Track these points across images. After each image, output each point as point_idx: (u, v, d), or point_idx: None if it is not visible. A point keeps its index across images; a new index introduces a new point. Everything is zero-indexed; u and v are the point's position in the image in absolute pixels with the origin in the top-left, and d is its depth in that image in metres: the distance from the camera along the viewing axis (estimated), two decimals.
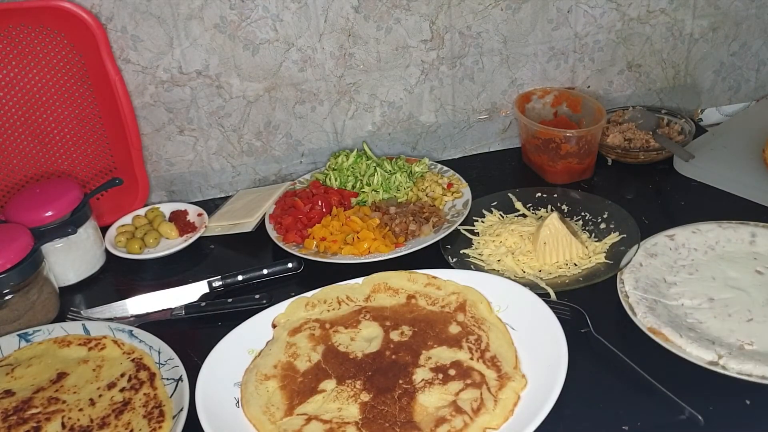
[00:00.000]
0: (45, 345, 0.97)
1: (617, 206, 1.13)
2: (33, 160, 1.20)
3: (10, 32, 1.11)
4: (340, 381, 0.86)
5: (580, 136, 1.20)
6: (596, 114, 1.24)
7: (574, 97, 1.30)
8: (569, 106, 1.31)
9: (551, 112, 1.32)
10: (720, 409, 0.80)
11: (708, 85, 1.41)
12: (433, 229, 1.12)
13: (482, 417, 0.79)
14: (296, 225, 1.14)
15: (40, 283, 1.03)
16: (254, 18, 1.18)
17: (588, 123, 1.26)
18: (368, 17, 1.21)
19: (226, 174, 1.31)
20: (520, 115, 1.26)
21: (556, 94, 1.32)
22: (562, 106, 1.32)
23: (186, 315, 1.03)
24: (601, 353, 0.88)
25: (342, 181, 1.25)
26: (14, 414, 0.86)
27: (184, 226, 1.20)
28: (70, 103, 1.17)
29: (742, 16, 1.34)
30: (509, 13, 1.25)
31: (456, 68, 1.29)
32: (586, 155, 1.23)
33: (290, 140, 1.30)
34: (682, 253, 1.03)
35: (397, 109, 1.31)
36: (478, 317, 0.93)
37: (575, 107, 1.30)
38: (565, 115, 1.31)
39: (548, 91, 1.32)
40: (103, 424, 0.84)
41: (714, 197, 1.16)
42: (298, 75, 1.24)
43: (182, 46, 1.18)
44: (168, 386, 0.88)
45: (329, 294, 0.99)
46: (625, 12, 1.29)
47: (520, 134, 1.32)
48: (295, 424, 0.81)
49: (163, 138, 1.25)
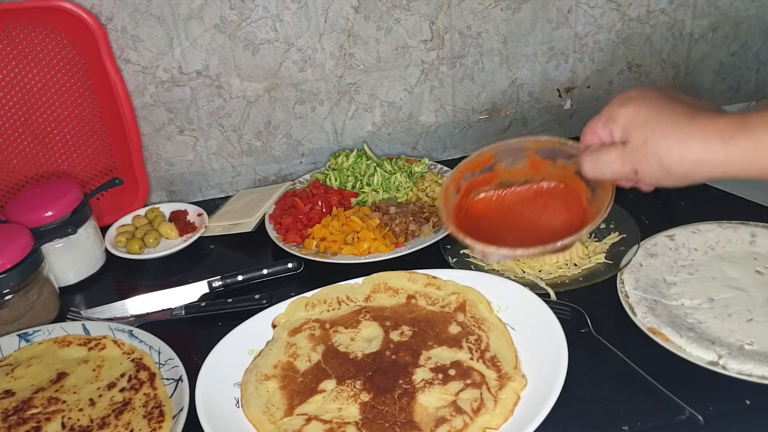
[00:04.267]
0: (45, 345, 0.97)
1: (617, 206, 1.12)
2: (33, 160, 1.20)
3: (10, 32, 1.11)
4: (340, 381, 0.86)
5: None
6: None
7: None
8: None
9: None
10: (720, 409, 0.80)
11: (708, 85, 1.41)
12: (433, 229, 1.12)
13: (482, 417, 0.79)
14: (296, 225, 1.14)
15: (40, 283, 1.03)
16: (254, 18, 1.18)
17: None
18: (368, 17, 1.21)
19: (226, 174, 1.31)
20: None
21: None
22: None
23: (186, 315, 1.03)
24: (601, 353, 0.88)
25: (342, 181, 1.25)
26: (14, 414, 0.86)
27: (184, 226, 1.20)
28: (70, 103, 1.17)
29: (742, 16, 1.34)
30: (509, 13, 1.25)
31: (456, 68, 1.29)
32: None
33: (290, 140, 1.30)
34: (682, 253, 1.03)
35: (397, 109, 1.31)
36: (478, 317, 0.93)
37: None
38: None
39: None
40: (103, 424, 0.84)
41: (714, 197, 1.16)
42: (298, 75, 1.24)
43: (182, 46, 1.18)
44: (168, 386, 0.88)
45: (329, 294, 0.99)
46: (625, 12, 1.29)
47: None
48: (295, 424, 0.81)
49: (163, 138, 1.25)
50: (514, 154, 0.85)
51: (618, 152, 0.69)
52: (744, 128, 0.63)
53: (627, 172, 0.69)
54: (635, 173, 0.68)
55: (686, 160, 0.65)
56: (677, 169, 0.66)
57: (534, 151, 0.84)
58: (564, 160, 0.82)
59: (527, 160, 0.85)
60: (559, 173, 0.83)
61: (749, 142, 0.62)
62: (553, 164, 0.83)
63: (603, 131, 0.72)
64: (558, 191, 0.85)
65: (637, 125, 0.68)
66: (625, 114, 0.69)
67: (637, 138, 0.68)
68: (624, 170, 0.69)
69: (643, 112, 0.68)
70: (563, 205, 0.84)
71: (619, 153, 0.69)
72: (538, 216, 0.85)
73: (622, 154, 0.69)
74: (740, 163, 0.63)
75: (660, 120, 0.67)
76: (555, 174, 0.84)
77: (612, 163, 0.70)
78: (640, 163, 0.67)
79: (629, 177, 0.70)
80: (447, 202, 0.84)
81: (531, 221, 0.85)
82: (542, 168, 0.85)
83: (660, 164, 0.66)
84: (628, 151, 0.68)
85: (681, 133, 0.65)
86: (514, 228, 0.84)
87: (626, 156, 0.68)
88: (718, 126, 0.64)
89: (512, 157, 0.85)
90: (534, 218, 0.85)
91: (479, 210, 0.86)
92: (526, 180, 0.86)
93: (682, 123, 0.65)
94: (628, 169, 0.69)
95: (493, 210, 0.86)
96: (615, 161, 0.69)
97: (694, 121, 0.65)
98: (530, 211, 0.85)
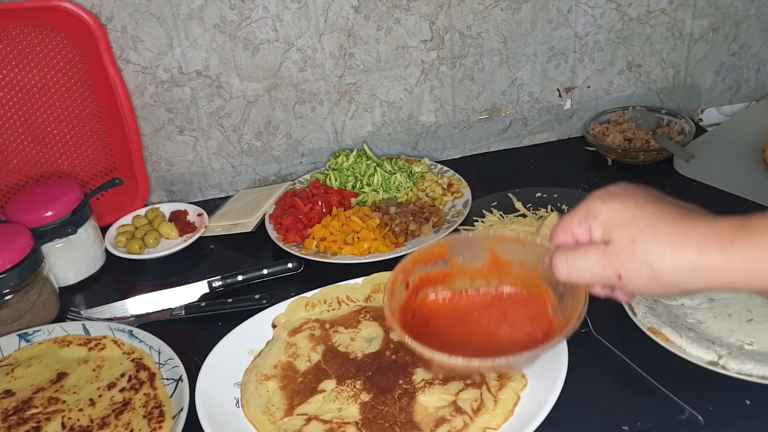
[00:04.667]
0: (45, 345, 0.97)
1: None
2: (33, 160, 1.20)
3: (10, 32, 1.11)
4: (340, 381, 0.86)
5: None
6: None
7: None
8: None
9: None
10: (720, 409, 0.80)
11: (708, 85, 1.41)
12: (433, 229, 1.12)
13: (482, 417, 0.79)
14: (296, 225, 1.14)
15: (40, 283, 1.03)
16: (254, 18, 1.18)
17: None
18: (368, 17, 1.21)
19: (226, 174, 1.31)
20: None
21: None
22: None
23: (186, 315, 1.03)
24: (601, 353, 0.88)
25: (342, 181, 1.25)
26: (14, 414, 0.86)
27: (184, 226, 1.20)
28: (70, 103, 1.17)
29: (742, 16, 1.34)
30: (509, 13, 1.25)
31: (456, 68, 1.29)
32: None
33: (290, 140, 1.30)
34: None
35: (397, 109, 1.31)
36: None
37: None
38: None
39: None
40: (103, 424, 0.84)
41: (714, 197, 1.16)
42: (298, 75, 1.24)
43: (182, 46, 1.18)
44: (168, 386, 0.88)
45: (329, 294, 0.99)
46: (625, 12, 1.29)
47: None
48: (295, 424, 0.81)
49: (163, 138, 1.25)
50: (473, 249, 0.76)
51: (598, 252, 0.61)
52: (746, 233, 0.55)
53: (608, 276, 0.60)
54: (618, 278, 0.60)
55: (679, 266, 0.57)
56: (668, 277, 0.57)
57: (495, 248, 0.76)
58: (529, 261, 0.73)
59: (487, 258, 0.76)
60: (523, 276, 0.75)
61: (754, 249, 0.54)
62: (516, 265, 0.75)
63: (579, 229, 0.63)
64: (520, 298, 0.76)
65: (623, 223, 0.60)
66: (607, 210, 0.61)
67: (622, 238, 0.59)
68: (605, 273, 0.60)
69: (629, 209, 0.60)
70: (525, 314, 0.76)
71: (599, 253, 0.61)
72: (496, 325, 0.77)
73: (604, 255, 0.60)
74: (743, 272, 0.55)
75: (649, 219, 0.59)
76: (518, 276, 0.76)
77: (591, 265, 0.61)
78: (625, 266, 0.59)
79: (610, 282, 0.61)
80: (393, 299, 0.73)
81: (488, 330, 0.76)
82: (503, 269, 0.76)
83: (650, 269, 0.58)
84: (611, 252, 0.60)
85: (674, 236, 0.57)
86: (468, 336, 0.76)
87: (608, 257, 0.60)
88: (715, 229, 0.56)
89: (470, 253, 0.76)
90: (492, 327, 0.77)
91: (429, 311, 0.77)
92: (484, 282, 0.78)
93: (675, 224, 0.58)
94: (609, 273, 0.60)
95: (446, 313, 0.77)
96: (594, 263, 0.61)
97: (688, 223, 0.58)
98: (487, 319, 0.77)
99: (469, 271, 0.77)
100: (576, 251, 0.63)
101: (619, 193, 0.62)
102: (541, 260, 0.69)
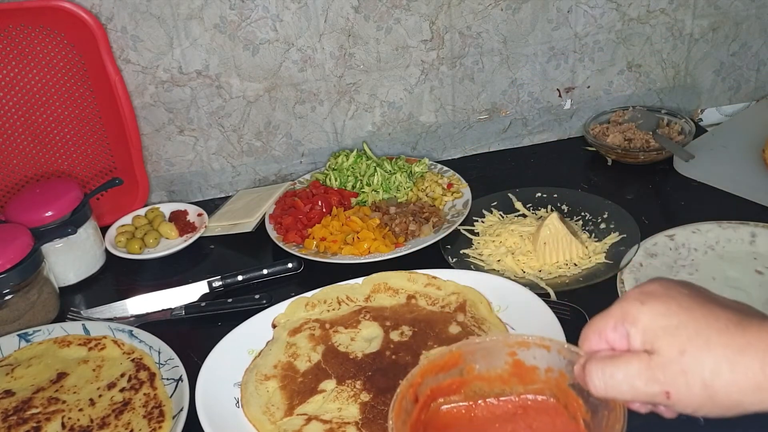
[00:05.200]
0: (45, 345, 0.97)
1: (617, 206, 1.13)
2: (33, 160, 1.20)
3: (10, 32, 1.11)
4: (340, 381, 0.86)
5: None
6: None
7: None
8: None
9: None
10: None
11: (708, 85, 1.41)
12: (433, 229, 1.12)
13: None
14: (296, 225, 1.14)
15: (40, 283, 1.03)
16: (254, 18, 1.18)
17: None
18: (368, 17, 1.21)
19: (226, 174, 1.31)
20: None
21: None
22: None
23: (186, 315, 1.03)
24: None
25: (342, 181, 1.25)
26: (14, 414, 0.86)
27: (184, 226, 1.20)
28: (70, 103, 1.17)
29: (742, 16, 1.34)
30: (509, 13, 1.25)
31: (456, 68, 1.29)
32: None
33: (290, 140, 1.30)
34: (682, 253, 1.03)
35: (397, 109, 1.31)
36: (478, 317, 0.93)
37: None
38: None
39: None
40: (103, 424, 0.84)
41: (714, 197, 1.16)
42: (298, 75, 1.24)
43: (182, 46, 1.18)
44: (168, 386, 0.88)
45: (329, 294, 0.99)
46: (625, 12, 1.29)
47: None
48: (295, 424, 0.81)
49: (163, 138, 1.25)
50: (491, 355, 0.68)
51: (641, 365, 0.52)
52: None
53: (653, 393, 0.51)
54: (666, 396, 0.51)
55: (739, 383, 0.49)
56: (726, 395, 0.49)
57: (517, 353, 0.67)
58: (556, 367, 0.65)
59: (508, 364, 0.67)
60: (550, 383, 0.66)
61: None
62: (541, 371, 0.67)
63: (614, 334, 0.55)
64: (546, 407, 0.67)
65: (668, 330, 0.51)
66: (648, 314, 0.53)
67: (669, 349, 0.51)
68: (649, 390, 0.51)
69: (674, 312, 0.52)
70: (553, 426, 0.66)
71: (643, 366, 0.52)
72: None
73: (648, 368, 0.51)
74: None
75: (699, 326, 0.51)
76: (544, 384, 0.67)
77: (633, 380, 0.52)
78: (675, 383, 0.50)
79: (655, 400, 0.52)
80: (399, 419, 0.63)
81: None
82: (527, 375, 0.67)
83: (703, 387, 0.49)
84: (656, 366, 0.51)
85: (732, 347, 0.49)
86: None
87: (653, 372, 0.51)
88: None
89: (488, 359, 0.68)
90: None
91: (444, 422, 0.68)
92: (505, 389, 0.68)
93: (731, 332, 0.50)
94: (655, 390, 0.51)
95: (463, 425, 0.68)
96: (637, 377, 0.52)
97: (747, 330, 0.49)
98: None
99: (487, 377, 0.68)
100: (614, 362, 0.53)
101: (659, 294, 0.54)
102: (570, 366, 0.61)
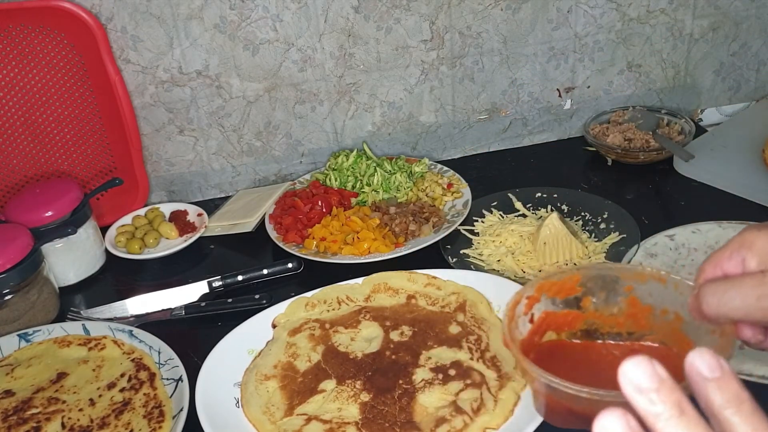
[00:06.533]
0: (45, 345, 0.97)
1: (617, 206, 1.13)
2: (33, 160, 1.20)
3: (10, 32, 1.11)
4: (340, 381, 0.86)
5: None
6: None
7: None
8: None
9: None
10: None
11: (708, 85, 1.41)
12: (433, 229, 1.12)
13: (482, 417, 0.79)
14: (296, 225, 1.14)
15: (40, 283, 1.03)
16: (254, 18, 1.18)
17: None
18: (368, 17, 1.21)
19: (226, 174, 1.31)
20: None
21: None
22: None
23: (186, 315, 1.03)
24: None
25: (342, 181, 1.25)
26: (14, 414, 0.86)
27: (184, 226, 1.20)
28: (70, 103, 1.17)
29: (742, 16, 1.34)
30: (509, 13, 1.25)
31: (456, 68, 1.29)
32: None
33: (290, 140, 1.30)
34: (682, 253, 1.03)
35: (397, 109, 1.31)
36: (478, 317, 0.93)
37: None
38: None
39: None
40: (103, 424, 0.84)
41: (714, 197, 1.16)
42: (298, 75, 1.24)
43: (182, 46, 1.18)
44: (168, 386, 0.88)
45: (329, 294, 0.99)
46: (625, 12, 1.29)
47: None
48: (295, 424, 0.81)
49: (163, 138, 1.25)
50: (608, 286, 0.68)
51: (755, 281, 0.52)
52: None
53: (766, 307, 0.52)
54: None
55: None
56: None
57: (633, 287, 0.67)
58: (671, 308, 0.65)
59: (624, 301, 0.67)
60: (664, 329, 0.66)
61: None
62: (656, 312, 0.66)
63: (730, 263, 0.57)
64: (659, 353, 0.66)
65: None
66: (765, 238, 0.55)
67: None
68: (761, 305, 0.52)
69: None
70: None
71: (756, 282, 0.52)
72: None
73: (761, 284, 0.52)
74: None
75: None
76: (656, 328, 0.67)
77: (745, 295, 0.52)
78: None
79: (767, 317, 0.52)
80: (512, 323, 0.65)
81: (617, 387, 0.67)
82: (642, 317, 0.67)
83: None
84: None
85: None
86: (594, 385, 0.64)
87: (767, 287, 0.52)
88: None
89: (605, 291, 0.68)
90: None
91: (551, 353, 0.69)
92: (619, 333, 0.69)
93: None
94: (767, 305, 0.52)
95: (570, 361, 0.68)
96: (750, 292, 0.52)
97: None
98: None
99: (602, 315, 0.68)
100: (728, 281, 0.55)
101: None
102: (684, 305, 0.61)
